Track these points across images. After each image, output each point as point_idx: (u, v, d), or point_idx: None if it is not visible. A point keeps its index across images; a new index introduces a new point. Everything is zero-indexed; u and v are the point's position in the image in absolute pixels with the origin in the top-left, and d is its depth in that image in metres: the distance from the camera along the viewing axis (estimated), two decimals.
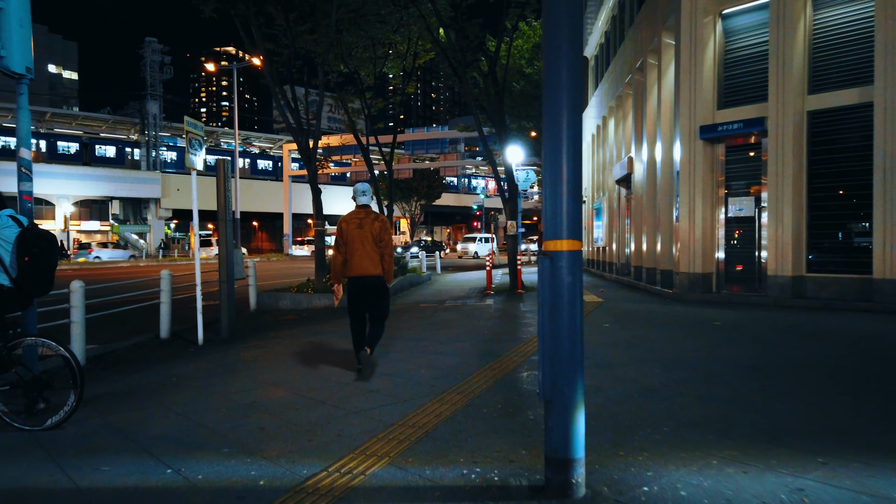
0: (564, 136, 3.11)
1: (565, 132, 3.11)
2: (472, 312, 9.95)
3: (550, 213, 3.14)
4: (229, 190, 8.21)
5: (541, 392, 3.14)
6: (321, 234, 12.03)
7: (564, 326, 3.07)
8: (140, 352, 7.29)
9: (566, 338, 3.07)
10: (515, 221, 13.98)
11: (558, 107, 3.15)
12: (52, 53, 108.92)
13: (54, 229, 49.94)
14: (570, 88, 3.11)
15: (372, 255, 5.69)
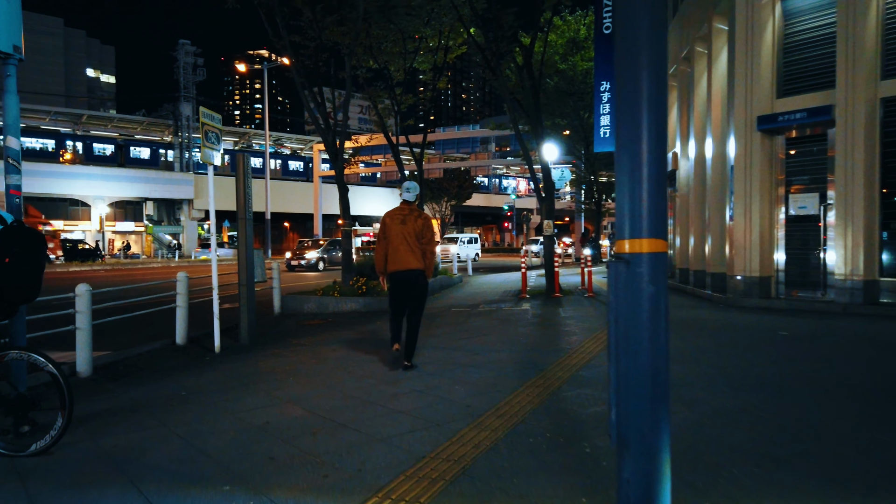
0: (644, 104, 2.42)
1: (645, 97, 2.42)
2: (507, 318, 9.26)
3: (627, 206, 2.46)
4: (249, 187, 7.68)
5: (612, 434, 2.45)
6: (348, 235, 11.48)
7: (645, 350, 2.39)
8: (153, 360, 6.79)
9: (647, 365, 2.39)
10: (552, 220, 13.24)
11: (635, 61, 2.45)
12: (90, 58, 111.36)
13: (90, 230, 50.77)
14: (653, 38, 2.41)
15: (414, 251, 5.84)
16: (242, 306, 7.67)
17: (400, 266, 5.84)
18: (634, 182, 2.44)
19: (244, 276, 7.66)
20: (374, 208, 65.46)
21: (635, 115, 2.45)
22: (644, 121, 2.43)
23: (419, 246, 5.87)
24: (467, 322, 8.99)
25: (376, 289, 10.97)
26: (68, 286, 6.27)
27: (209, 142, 6.99)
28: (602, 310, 10.14)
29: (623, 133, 2.50)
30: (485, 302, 11.62)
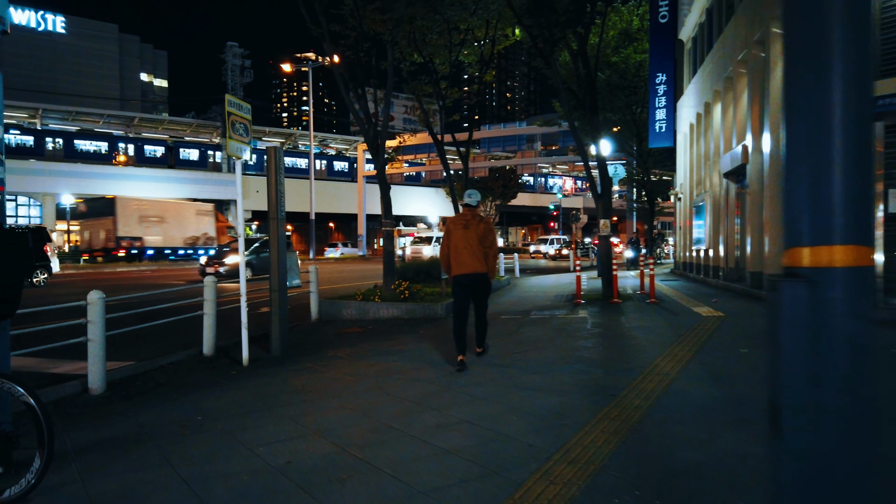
0: (836, 56, 1.56)
1: (837, 48, 1.56)
2: (564, 328, 8.36)
3: (805, 196, 1.59)
4: (281, 184, 7.01)
5: None
6: (390, 235, 10.75)
7: (843, 429, 1.52)
8: (175, 373, 6.18)
9: (847, 452, 1.52)
10: (608, 219, 12.24)
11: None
12: (144, 62, 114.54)
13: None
14: None
15: (477, 254, 6.05)
16: (274, 314, 7.00)
17: (463, 270, 6.07)
18: (819, 159, 1.56)
19: (276, 280, 6.99)
20: (418, 208, 65.01)
21: (821, 53, 1.58)
22: (836, 61, 1.56)
23: (482, 249, 6.09)
24: (519, 332, 8.13)
25: (419, 294, 10.21)
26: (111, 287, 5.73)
27: (236, 133, 6.34)
28: (671, 319, 9.13)
29: (797, 83, 1.63)
30: (536, 308, 10.72)
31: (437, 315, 9.58)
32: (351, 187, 57.11)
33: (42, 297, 14.15)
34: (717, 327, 8.13)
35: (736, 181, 14.80)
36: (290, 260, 7.29)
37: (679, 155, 22.53)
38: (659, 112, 21.37)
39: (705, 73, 17.54)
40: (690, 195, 20.15)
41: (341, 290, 15.16)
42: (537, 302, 11.87)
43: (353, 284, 17.75)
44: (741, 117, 13.78)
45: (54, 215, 46.17)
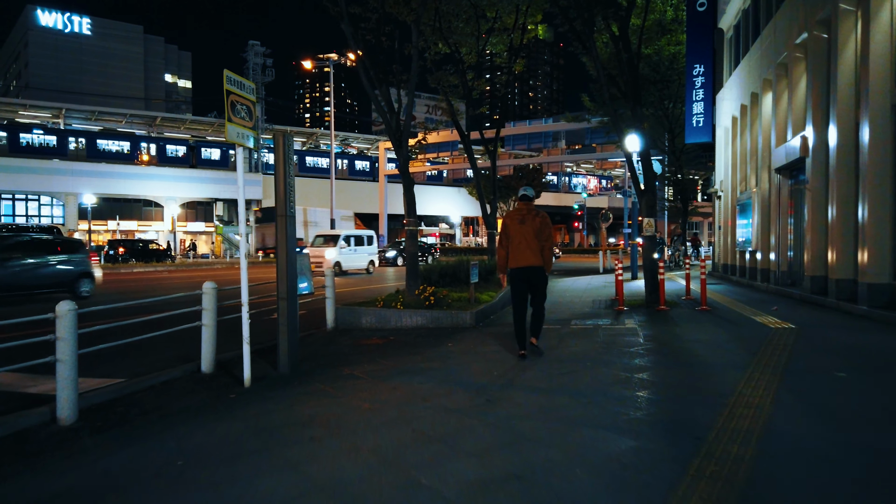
0: None
1: None
2: (613, 341, 7.32)
3: None
4: (290, 176, 6.09)
5: None
6: (413, 235, 9.80)
7: None
8: (164, 395, 5.28)
9: None
10: (653, 218, 11.16)
11: None
12: (168, 64, 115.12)
13: (163, 230, 51.63)
14: None
15: (533, 248, 6.23)
16: (281, 326, 6.08)
17: (520, 263, 6.26)
18: None
19: (284, 287, 6.07)
20: (440, 208, 64.09)
21: None
22: None
23: (538, 243, 6.26)
24: (562, 346, 7.11)
25: (445, 300, 9.24)
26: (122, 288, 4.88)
27: (237, 116, 5.42)
28: (734, 331, 8.03)
29: None
30: (575, 316, 9.68)
31: (466, 324, 8.59)
32: (373, 187, 56.40)
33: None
34: (794, 343, 7.02)
35: (790, 177, 13.58)
36: (301, 263, 6.36)
37: (719, 150, 21.26)
38: (696, 105, 20.15)
39: (751, 61, 16.31)
40: (733, 193, 18.89)
41: (361, 294, 14.27)
42: (574, 308, 10.83)
43: (374, 287, 16.85)
44: (798, 107, 12.58)
45: (77, 215, 46.09)
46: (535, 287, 6.37)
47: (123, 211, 50.10)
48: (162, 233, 51.81)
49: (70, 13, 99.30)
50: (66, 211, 46.96)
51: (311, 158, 59.19)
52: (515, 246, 6.28)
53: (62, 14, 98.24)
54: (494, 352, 6.81)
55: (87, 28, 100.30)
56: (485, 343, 7.39)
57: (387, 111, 9.41)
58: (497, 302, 10.30)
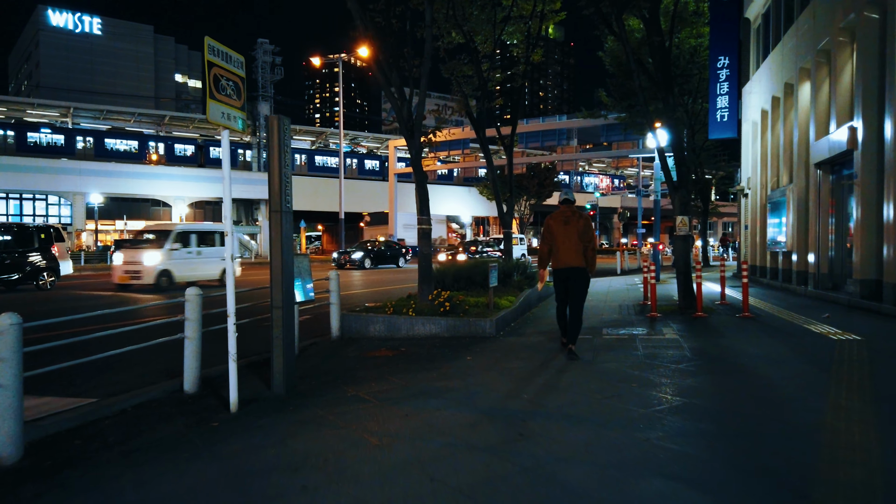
0: None
1: None
2: (655, 356, 6.42)
3: None
4: (286, 166, 5.26)
5: None
6: (426, 235, 8.94)
7: None
8: (134, 423, 4.46)
9: None
10: (688, 216, 10.24)
11: None
12: (179, 63, 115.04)
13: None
14: None
15: (576, 249, 6.31)
16: (276, 339, 5.24)
17: (563, 264, 6.37)
18: None
19: (279, 294, 5.23)
20: (450, 208, 63.21)
21: None
22: None
23: (581, 245, 6.34)
24: (599, 361, 6.22)
25: (462, 306, 8.38)
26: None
27: (222, 93, 4.59)
28: (791, 343, 7.10)
29: None
30: (605, 323, 8.78)
31: (485, 333, 7.72)
32: (383, 186, 55.62)
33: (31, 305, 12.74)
34: (869, 358, 6.10)
35: (832, 172, 12.60)
36: (301, 266, 5.52)
37: (746, 146, 20.24)
38: (720, 99, 19.19)
39: (784, 50, 15.32)
40: (762, 190, 17.89)
41: (370, 297, 13.41)
42: (602, 314, 9.93)
43: (383, 289, 16.01)
44: (843, 96, 11.61)
45: (84, 214, 45.59)
46: (575, 289, 6.40)
47: (132, 210, 49.62)
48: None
49: (81, 13, 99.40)
50: (73, 210, 46.50)
51: (321, 158, 58.55)
52: (558, 247, 6.40)
53: (73, 14, 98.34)
54: (521, 368, 5.94)
55: (98, 28, 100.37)
56: (509, 356, 6.53)
57: (397, 97, 8.55)
58: (517, 307, 9.43)
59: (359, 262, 28.61)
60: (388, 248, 31.71)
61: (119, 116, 54.45)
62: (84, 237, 47.12)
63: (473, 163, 43.62)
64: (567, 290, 6.43)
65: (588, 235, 6.37)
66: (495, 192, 14.58)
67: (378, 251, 30.49)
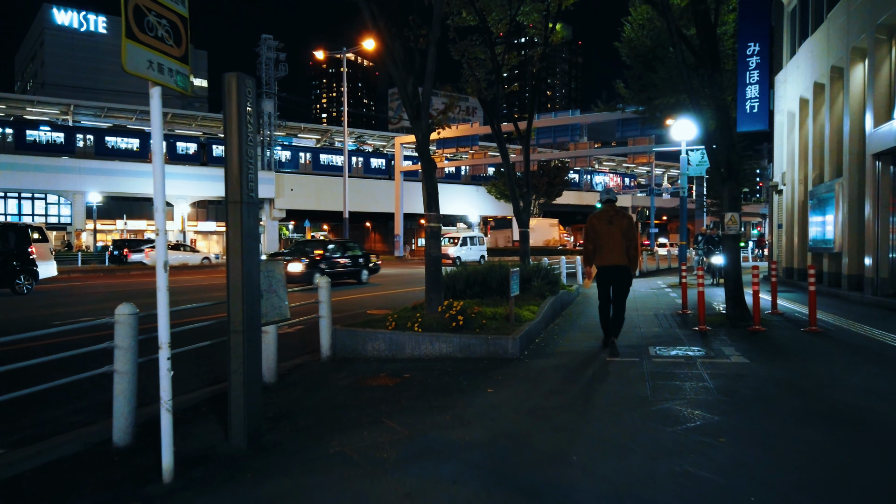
0: None
1: None
2: (730, 389, 5.01)
3: None
4: (247, 141, 3.91)
5: None
6: (435, 235, 7.56)
7: None
8: (23, 501, 3.11)
9: None
10: (738, 213, 8.83)
11: None
12: None
13: (173, 230, 49.99)
14: None
15: (620, 247, 6.45)
16: (234, 374, 3.88)
17: (607, 262, 6.52)
18: None
19: (239, 313, 3.87)
20: (458, 207, 61.81)
21: None
22: None
23: (624, 243, 6.45)
24: (656, 399, 4.79)
25: (478, 319, 7.01)
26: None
27: (147, 33, 3.23)
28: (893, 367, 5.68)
29: None
30: (650, 340, 7.38)
31: (507, 354, 6.34)
32: (389, 185, 54.28)
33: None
34: None
35: (894, 163, 11.15)
36: (272, 277, 4.15)
37: (779, 139, 18.76)
38: (750, 89, 17.66)
39: (830, 30, 13.85)
40: (801, 185, 16.40)
41: (370, 304, 12.06)
42: (639, 325, 8.53)
43: (387, 293, 14.66)
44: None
45: (84, 213, 44.45)
46: (619, 286, 6.56)
47: (132, 210, 48.55)
48: (172, 232, 50.18)
49: (86, 12, 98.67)
50: (73, 210, 45.44)
51: (326, 156, 57.29)
52: (601, 245, 6.51)
53: (78, 13, 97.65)
54: (560, 407, 4.56)
55: (103, 26, 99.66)
56: (540, 387, 5.15)
57: (401, 69, 7.17)
58: (541, 319, 8.04)
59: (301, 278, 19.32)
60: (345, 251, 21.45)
61: (120, 114, 53.38)
62: (84, 237, 46.03)
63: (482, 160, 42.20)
64: (610, 288, 6.60)
65: (631, 234, 6.46)
66: (510, 186, 13.21)
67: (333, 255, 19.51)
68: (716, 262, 15.23)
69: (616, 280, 6.52)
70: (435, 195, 7.48)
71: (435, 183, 7.50)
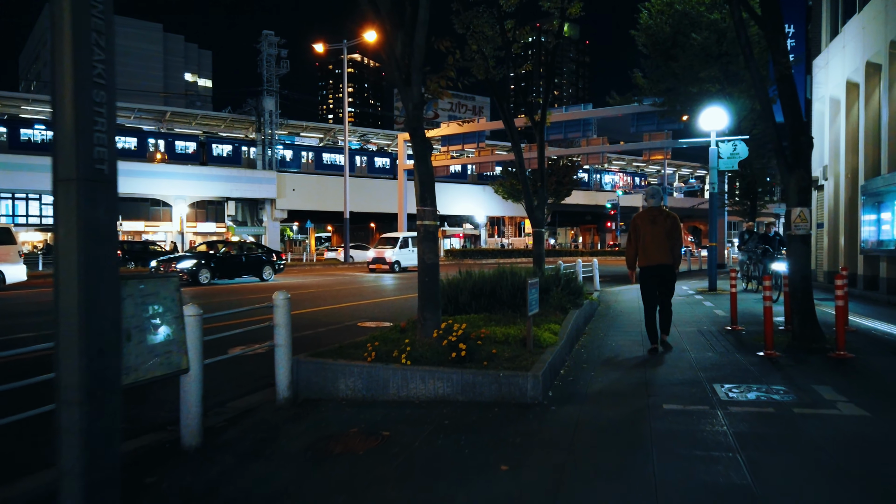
0: None
1: None
2: (873, 472, 3.32)
3: None
4: (97, 79, 2.25)
5: None
6: (431, 236, 5.90)
7: None
8: None
9: None
10: (807, 208, 7.12)
11: None
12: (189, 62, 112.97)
13: (171, 231, 48.55)
14: None
15: (665, 247, 6.45)
16: (67, 474, 2.23)
17: (651, 261, 6.49)
18: None
19: (74, 369, 2.22)
20: (464, 207, 60.10)
21: None
22: None
23: (668, 243, 6.45)
24: (767, 497, 3.12)
25: (486, 348, 5.34)
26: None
27: None
28: None
29: None
30: (707, 370, 5.68)
31: (528, 398, 4.65)
32: (393, 185, 52.66)
33: None
34: None
35: None
36: (153, 302, 2.49)
37: (819, 129, 16.97)
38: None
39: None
40: (849, 180, 14.61)
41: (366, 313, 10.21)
42: (686, 348, 6.82)
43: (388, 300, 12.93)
44: None
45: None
46: (664, 284, 6.59)
47: (130, 211, 47.13)
48: (170, 234, 48.76)
49: None
50: None
51: (328, 155, 55.78)
52: (646, 245, 6.49)
53: None
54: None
55: None
56: (581, 464, 3.46)
57: (387, 22, 5.51)
58: (566, 342, 6.36)
59: (189, 276, 18.64)
60: (243, 251, 21.46)
61: (119, 113, 51.94)
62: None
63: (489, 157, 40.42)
64: (656, 288, 6.61)
65: (676, 234, 6.47)
66: (522, 180, 11.53)
67: (226, 257, 20.32)
68: (776, 269, 12.24)
69: (661, 279, 6.54)
70: (430, 185, 5.82)
71: (430, 169, 5.83)
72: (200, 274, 19.07)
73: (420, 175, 5.75)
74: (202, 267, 19.23)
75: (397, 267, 26.94)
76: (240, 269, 20.71)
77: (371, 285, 19.21)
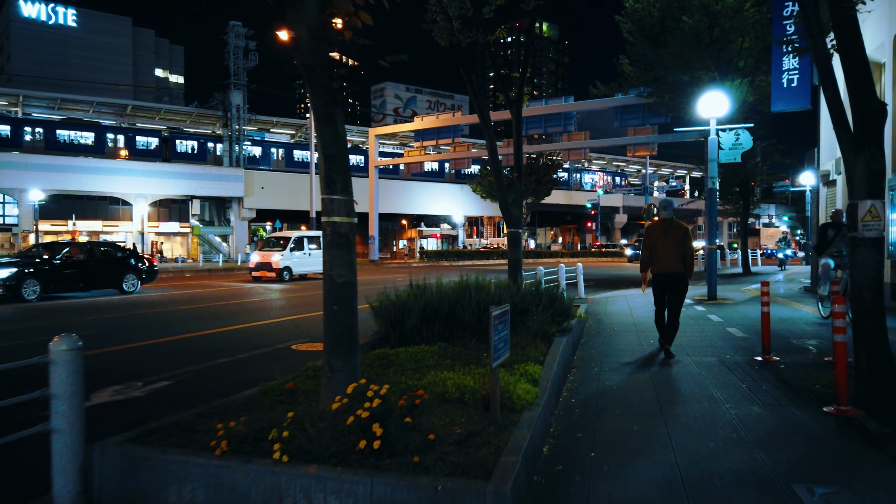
0: None
1: None
2: None
3: None
4: None
5: None
6: (344, 240, 3.83)
7: None
8: None
9: None
10: (879, 202, 5.19)
11: None
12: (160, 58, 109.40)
13: (131, 231, 45.83)
14: None
15: (676, 256, 6.64)
16: None
17: (664, 269, 6.67)
18: None
19: None
20: (441, 207, 58.09)
21: None
22: None
23: (680, 252, 6.63)
24: None
25: (422, 422, 3.28)
26: None
27: None
28: None
29: None
30: (755, 447, 3.71)
31: None
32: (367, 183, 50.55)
33: None
34: None
35: None
36: None
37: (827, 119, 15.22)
38: (788, 59, 14.22)
39: None
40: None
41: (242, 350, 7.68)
42: (722, 402, 4.85)
43: (309, 314, 10.70)
44: None
45: (32, 213, 40.10)
46: (675, 293, 6.72)
47: (87, 209, 44.37)
48: (131, 234, 46.02)
49: (55, 4, 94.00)
50: (20, 209, 41.20)
51: (300, 152, 53.35)
52: (658, 254, 6.67)
53: (46, 5, 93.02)
54: None
55: (73, 20, 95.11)
56: None
57: None
58: (550, 392, 4.33)
59: (6, 289, 14.12)
60: (94, 255, 16.66)
61: (75, 106, 49.08)
62: (32, 239, 41.75)
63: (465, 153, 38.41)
64: (667, 294, 6.75)
65: (687, 244, 6.64)
66: (495, 171, 9.49)
67: (67, 262, 15.60)
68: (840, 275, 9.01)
69: (672, 287, 6.69)
70: (341, 162, 3.75)
71: (341, 138, 3.76)
72: (25, 286, 14.21)
73: (325, 146, 3.68)
74: (27, 276, 14.33)
75: (287, 275, 22.14)
76: (89, 278, 15.91)
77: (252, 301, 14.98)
